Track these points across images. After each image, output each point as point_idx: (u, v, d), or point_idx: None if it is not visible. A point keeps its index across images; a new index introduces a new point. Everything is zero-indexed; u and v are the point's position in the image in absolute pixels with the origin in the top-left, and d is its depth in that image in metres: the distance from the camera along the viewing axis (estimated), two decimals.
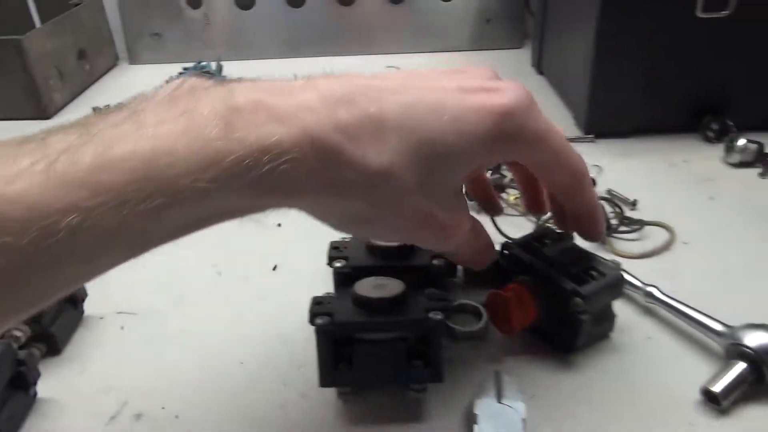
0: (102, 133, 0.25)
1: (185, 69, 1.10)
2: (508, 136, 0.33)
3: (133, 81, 1.10)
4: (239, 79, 0.30)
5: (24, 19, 1.11)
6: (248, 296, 0.54)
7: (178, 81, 0.29)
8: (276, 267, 0.58)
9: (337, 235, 0.49)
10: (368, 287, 0.41)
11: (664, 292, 0.50)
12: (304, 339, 0.48)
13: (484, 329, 0.48)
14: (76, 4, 1.05)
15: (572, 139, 0.80)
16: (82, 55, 1.04)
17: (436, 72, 0.35)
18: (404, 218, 0.33)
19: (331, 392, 0.43)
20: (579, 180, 0.39)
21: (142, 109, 0.27)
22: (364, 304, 0.40)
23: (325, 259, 0.47)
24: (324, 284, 0.47)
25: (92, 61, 1.07)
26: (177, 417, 0.42)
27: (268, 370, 0.46)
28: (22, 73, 0.90)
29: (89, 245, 0.24)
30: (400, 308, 0.40)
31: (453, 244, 0.36)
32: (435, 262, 0.45)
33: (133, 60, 1.17)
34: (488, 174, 0.70)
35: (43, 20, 1.10)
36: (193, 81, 0.29)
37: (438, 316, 0.40)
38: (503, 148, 0.34)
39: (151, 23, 1.14)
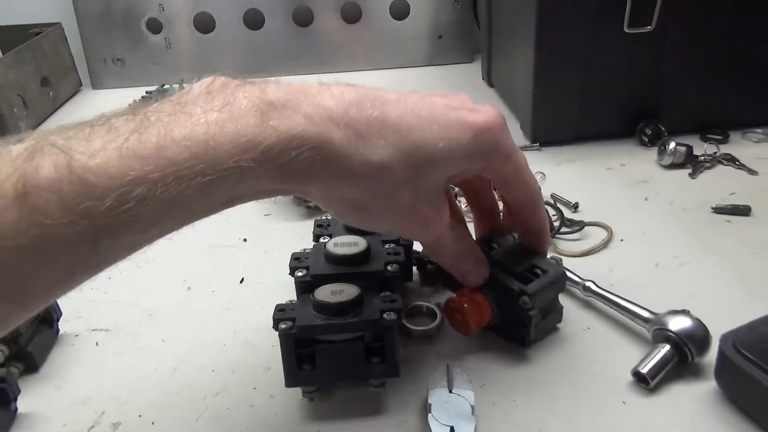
0: (161, 120, 0.30)
1: (148, 92, 1.12)
2: (484, 149, 0.41)
3: (96, 106, 1.12)
4: (265, 80, 0.36)
5: None
6: (217, 308, 0.57)
7: (208, 79, 0.35)
8: (243, 280, 0.61)
9: (297, 248, 0.53)
10: (327, 293, 0.45)
11: (600, 285, 0.54)
12: (270, 344, 0.52)
13: (437, 328, 0.52)
14: (37, 33, 1.07)
15: (521, 148, 0.85)
16: (45, 82, 1.05)
17: (428, 93, 0.42)
18: (395, 207, 0.39)
19: (296, 392, 0.46)
20: (535, 199, 0.47)
21: (185, 102, 0.32)
22: (323, 308, 0.44)
23: (287, 270, 0.51)
24: (288, 294, 0.51)
25: (55, 88, 1.09)
26: (153, 423, 0.45)
27: (238, 375, 0.49)
28: None
29: (150, 214, 0.29)
30: (357, 311, 0.44)
31: (432, 234, 0.43)
32: (389, 267, 0.49)
33: (96, 85, 1.19)
34: None
35: (4, 50, 1.11)
36: (222, 79, 0.35)
37: (392, 316, 0.44)
38: (479, 158, 0.41)
39: (113, 49, 1.17)
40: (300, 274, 0.49)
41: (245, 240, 0.68)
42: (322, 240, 0.54)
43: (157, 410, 0.46)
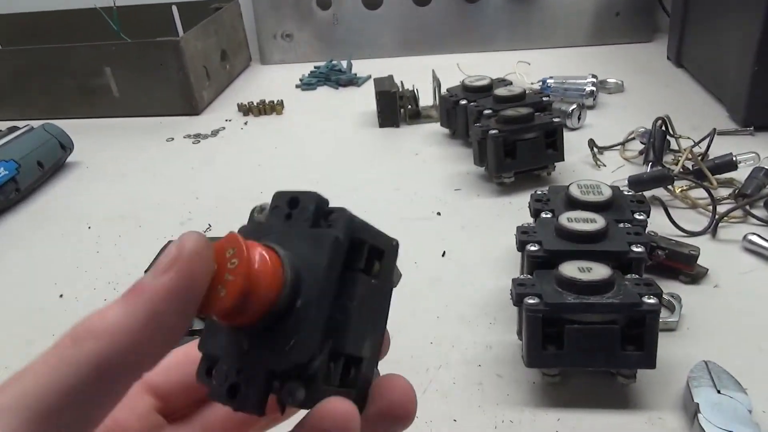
0: None
1: (316, 68, 1.14)
2: None
3: (266, 80, 1.15)
4: None
5: (166, 24, 1.19)
6: (423, 279, 0.55)
7: None
8: (444, 253, 0.59)
9: (494, 225, 0.49)
10: (573, 270, 0.41)
11: None
12: (488, 322, 0.49)
13: (678, 321, 0.47)
14: (218, 8, 1.12)
15: (729, 132, 0.77)
16: (224, 56, 1.10)
17: None
18: None
19: (526, 373, 0.43)
20: None
21: None
22: (571, 286, 0.40)
23: (487, 246, 0.47)
24: (497, 270, 0.47)
25: (231, 62, 1.13)
26: None
27: (459, 351, 0.47)
28: (178, 72, 0.96)
29: None
30: (610, 291, 0.40)
31: None
32: (634, 248, 0.44)
33: (265, 60, 1.23)
34: (648, 167, 0.68)
35: (184, 25, 1.17)
36: None
37: (652, 300, 0.39)
38: None
39: (282, 24, 1.19)
40: (533, 248, 0.45)
41: (439, 214, 0.66)
42: (544, 215, 0.50)
43: None
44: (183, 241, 0.18)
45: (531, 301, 0.40)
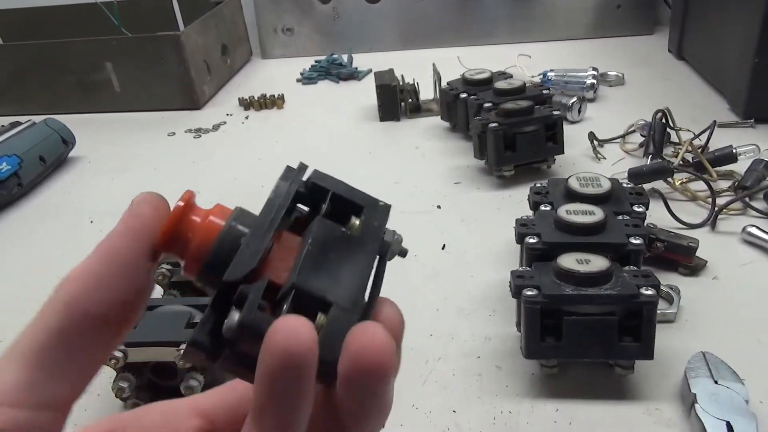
0: None
1: (316, 62, 1.14)
2: None
3: (267, 75, 1.15)
4: None
5: (166, 18, 1.19)
6: (423, 272, 0.56)
7: None
8: (444, 246, 0.59)
9: (494, 218, 0.50)
10: (572, 261, 0.41)
11: None
12: (486, 314, 0.49)
13: (676, 313, 0.47)
14: (218, 3, 1.12)
15: (729, 124, 0.76)
16: (224, 50, 1.10)
17: None
18: None
19: (525, 365, 0.43)
20: None
21: None
22: (569, 278, 0.40)
23: (487, 239, 0.47)
24: (495, 263, 0.47)
25: (232, 57, 1.13)
26: None
27: (458, 343, 0.47)
28: (178, 67, 0.96)
29: None
30: (608, 283, 0.40)
31: None
32: (633, 240, 0.44)
33: (265, 55, 1.23)
34: (648, 159, 0.68)
35: (185, 19, 1.17)
36: None
37: (650, 291, 0.39)
38: None
39: (283, 19, 1.19)
40: (531, 240, 0.45)
41: (439, 207, 0.66)
42: (543, 207, 0.50)
43: None
44: (136, 197, 0.21)
45: (529, 293, 0.40)
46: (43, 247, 0.67)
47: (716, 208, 0.58)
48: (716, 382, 0.39)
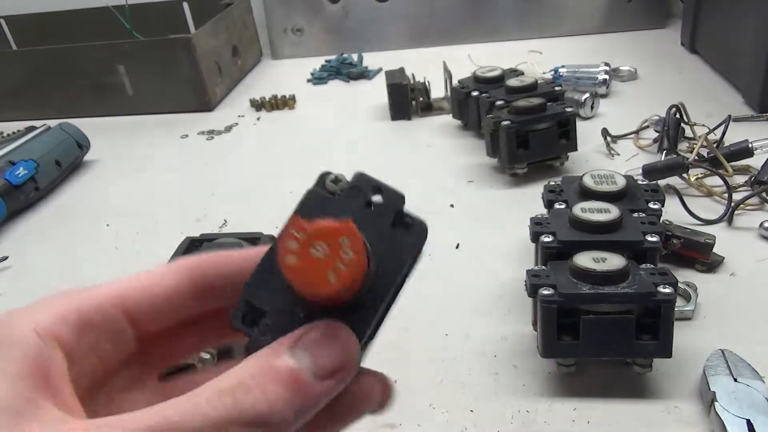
0: None
1: (327, 61, 1.14)
2: None
3: (278, 75, 1.16)
4: None
5: (177, 21, 1.19)
6: (438, 272, 0.56)
7: None
8: (458, 245, 0.59)
9: (507, 216, 0.50)
10: (588, 260, 0.41)
11: None
12: (503, 313, 0.49)
13: (694, 310, 0.47)
14: (229, 4, 1.12)
15: (744, 118, 0.76)
16: (235, 51, 1.10)
17: None
18: None
19: (542, 364, 0.43)
20: None
21: None
22: (585, 276, 0.40)
23: (500, 237, 0.47)
24: (510, 261, 0.47)
25: (243, 58, 1.13)
26: (396, 382, 0.44)
27: (473, 342, 0.47)
28: (190, 69, 0.96)
29: None
30: (625, 281, 0.40)
31: None
32: (649, 237, 0.44)
33: (276, 55, 1.23)
34: (662, 155, 0.68)
35: (195, 22, 1.18)
36: None
37: (668, 289, 0.39)
38: None
39: (292, 19, 1.19)
40: (547, 239, 0.45)
41: (452, 206, 0.66)
42: (557, 206, 0.50)
43: (394, 369, 0.45)
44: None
45: (546, 292, 0.40)
46: (61, 250, 0.68)
47: (732, 204, 0.58)
48: (736, 380, 0.39)
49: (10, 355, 0.20)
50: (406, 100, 0.87)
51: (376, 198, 0.22)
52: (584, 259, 0.41)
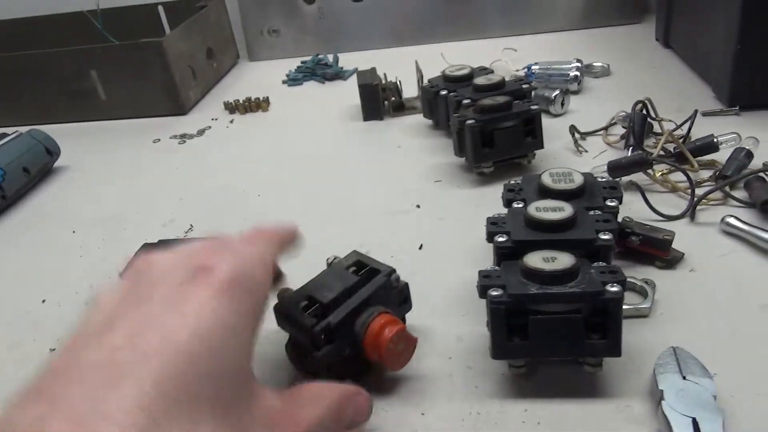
0: None
1: (303, 62, 1.13)
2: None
3: (254, 77, 1.15)
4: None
5: (153, 24, 1.19)
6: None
7: None
8: (422, 246, 0.59)
9: (473, 215, 0.49)
10: (538, 260, 0.41)
11: None
12: (460, 314, 0.49)
13: (650, 308, 0.47)
14: (203, 6, 1.12)
15: (713, 113, 0.76)
16: (210, 54, 1.10)
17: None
18: None
19: (495, 365, 0.43)
20: None
21: None
22: (535, 276, 0.40)
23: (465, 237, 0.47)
24: (471, 262, 0.47)
25: (218, 60, 1.13)
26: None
27: (430, 344, 0.47)
28: (163, 73, 0.96)
29: None
30: (574, 280, 0.40)
31: None
32: (602, 235, 0.44)
33: (253, 57, 1.23)
34: (629, 151, 0.67)
35: (171, 23, 1.17)
36: None
37: (615, 288, 0.39)
38: None
39: (268, 20, 1.19)
40: (501, 239, 0.45)
41: (418, 206, 0.65)
42: (515, 205, 0.50)
43: None
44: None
45: (494, 293, 0.40)
46: (25, 259, 0.67)
47: (695, 199, 0.58)
48: (684, 378, 0.38)
49: (253, 308, 0.31)
50: (378, 100, 0.87)
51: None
52: (534, 259, 0.41)
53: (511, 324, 0.40)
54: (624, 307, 0.45)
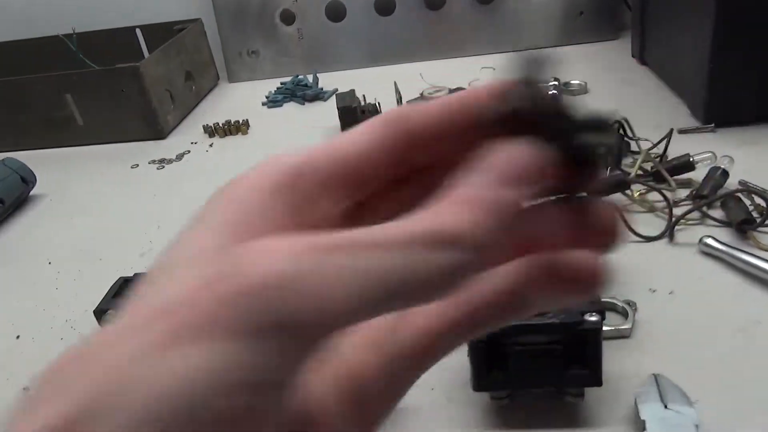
0: None
1: (282, 84, 1.13)
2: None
3: (234, 99, 1.15)
4: None
5: (131, 48, 1.18)
6: None
7: None
8: None
9: None
10: None
11: None
12: None
13: (631, 329, 0.47)
14: (181, 29, 1.11)
15: (690, 130, 0.76)
16: (188, 76, 1.09)
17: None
18: None
19: (478, 396, 0.43)
20: None
21: None
22: None
23: None
24: None
25: (197, 82, 1.12)
26: None
27: None
28: (140, 98, 0.95)
29: None
30: (552, 312, 0.39)
31: None
32: None
33: (232, 78, 1.22)
34: (608, 171, 0.68)
35: (149, 47, 1.17)
36: None
37: (594, 317, 0.39)
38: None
39: (248, 42, 1.19)
40: None
41: None
42: None
43: None
44: None
45: None
46: (0, 290, 0.66)
47: (673, 219, 0.58)
48: (666, 407, 0.38)
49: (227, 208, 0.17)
50: (357, 122, 0.86)
51: None
52: None
53: (491, 356, 0.40)
54: (605, 328, 0.45)
